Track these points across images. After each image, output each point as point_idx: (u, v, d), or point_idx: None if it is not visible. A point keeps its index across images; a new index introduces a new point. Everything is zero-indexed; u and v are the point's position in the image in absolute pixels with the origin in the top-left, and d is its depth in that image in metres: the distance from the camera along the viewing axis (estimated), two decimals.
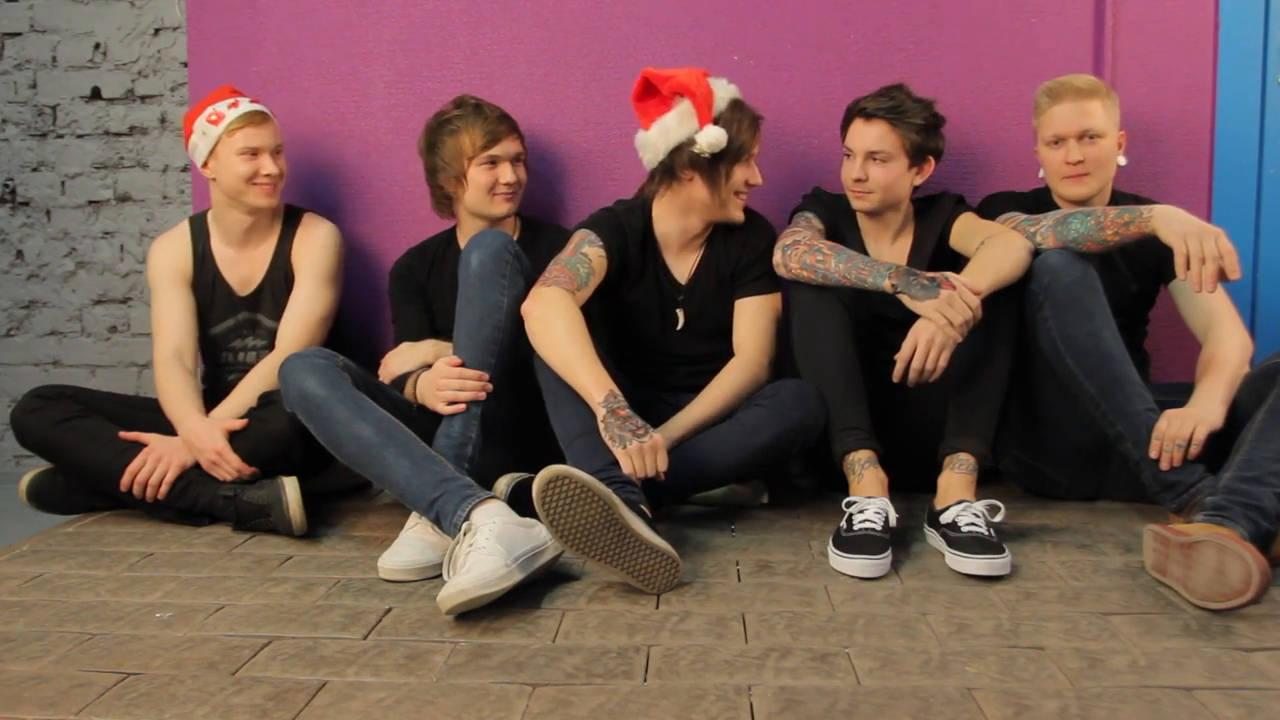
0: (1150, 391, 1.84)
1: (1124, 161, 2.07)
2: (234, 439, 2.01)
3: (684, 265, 2.14)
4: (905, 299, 1.81)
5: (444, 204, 2.29)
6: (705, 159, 1.98)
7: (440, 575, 1.58)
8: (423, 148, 2.25)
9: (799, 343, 1.96)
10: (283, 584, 1.66)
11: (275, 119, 2.24)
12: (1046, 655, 1.32)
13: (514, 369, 1.92)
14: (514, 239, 1.99)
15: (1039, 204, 2.11)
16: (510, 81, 2.50)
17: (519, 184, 2.22)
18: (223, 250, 2.28)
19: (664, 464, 1.72)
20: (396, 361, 2.11)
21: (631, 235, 2.10)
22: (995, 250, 1.88)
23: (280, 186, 2.22)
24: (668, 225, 2.11)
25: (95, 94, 2.87)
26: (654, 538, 1.57)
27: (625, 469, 1.70)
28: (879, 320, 2.05)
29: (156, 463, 1.99)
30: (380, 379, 2.10)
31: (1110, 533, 1.87)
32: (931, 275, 1.80)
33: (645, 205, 2.12)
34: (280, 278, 2.28)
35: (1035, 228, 1.92)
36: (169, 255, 2.26)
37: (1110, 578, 1.62)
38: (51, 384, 2.10)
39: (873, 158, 2.02)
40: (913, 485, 1.99)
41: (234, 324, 2.28)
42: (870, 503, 1.75)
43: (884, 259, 2.09)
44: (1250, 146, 2.40)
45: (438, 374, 1.87)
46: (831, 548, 1.70)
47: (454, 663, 1.32)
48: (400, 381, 2.03)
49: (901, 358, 1.79)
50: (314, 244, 2.28)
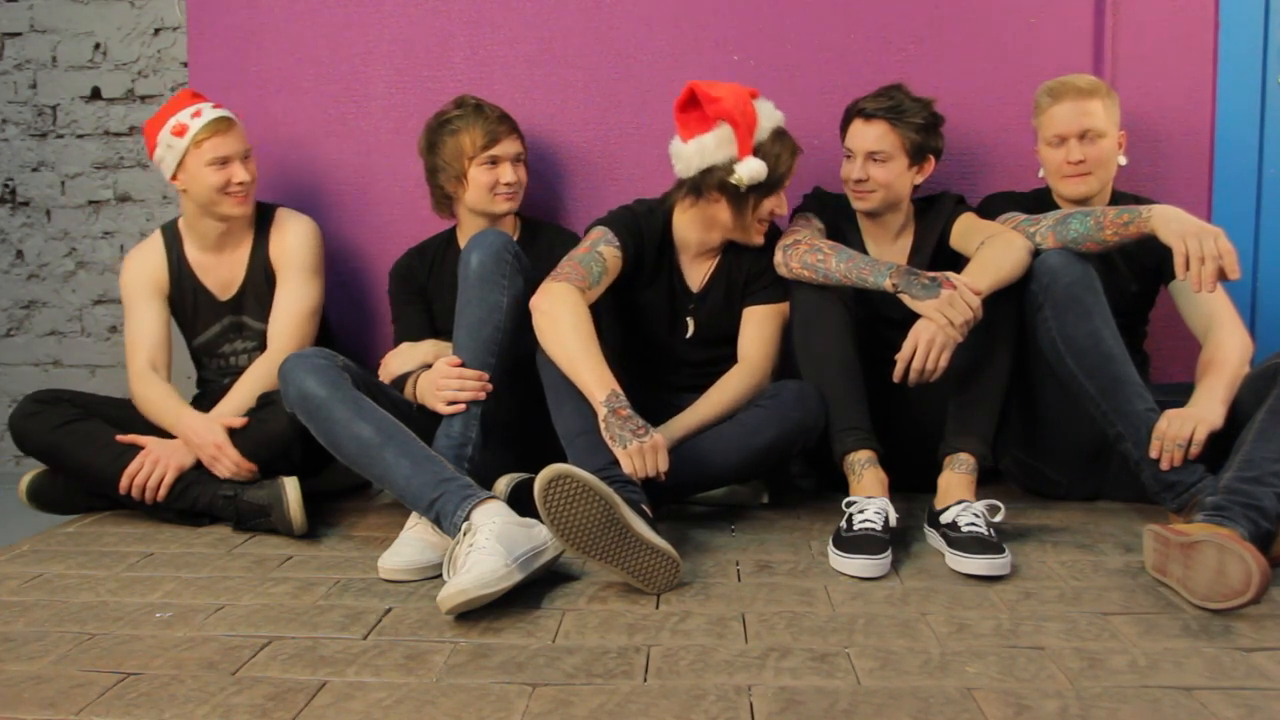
0: (1150, 391, 1.84)
1: (1124, 161, 2.08)
2: (235, 439, 2.00)
3: (698, 273, 2.14)
4: (906, 299, 1.81)
5: (444, 204, 2.29)
6: (736, 187, 1.94)
7: (440, 575, 1.58)
8: (423, 148, 2.25)
9: (799, 342, 1.97)
10: (283, 584, 1.66)
11: (239, 121, 2.20)
12: (1046, 655, 1.32)
13: (514, 369, 1.93)
14: (514, 239, 1.99)
15: (1039, 204, 2.11)
16: (510, 81, 2.50)
17: (519, 184, 2.22)
18: (199, 257, 2.25)
19: (664, 464, 1.72)
20: (397, 361, 2.11)
21: (649, 237, 2.08)
22: (995, 250, 1.88)
23: (253, 192, 2.20)
24: (687, 234, 2.09)
25: (95, 94, 2.87)
26: (655, 537, 1.57)
27: (625, 469, 1.70)
28: (880, 320, 2.05)
29: (154, 465, 1.98)
30: (380, 379, 2.10)
31: (1110, 533, 1.87)
32: (932, 275, 1.80)
33: (667, 209, 2.10)
34: (261, 278, 2.26)
35: (1035, 228, 1.92)
36: (143, 268, 2.23)
37: (1110, 578, 1.62)
38: (49, 388, 2.10)
39: (873, 158, 2.02)
40: (913, 485, 1.99)
41: (220, 330, 2.27)
42: (870, 503, 1.75)
43: (885, 259, 2.09)
44: (1250, 147, 2.40)
45: (438, 374, 1.86)
46: (831, 548, 1.71)
47: (454, 663, 1.32)
48: (400, 382, 2.03)
49: (902, 358, 1.79)
50: (292, 239, 2.25)
